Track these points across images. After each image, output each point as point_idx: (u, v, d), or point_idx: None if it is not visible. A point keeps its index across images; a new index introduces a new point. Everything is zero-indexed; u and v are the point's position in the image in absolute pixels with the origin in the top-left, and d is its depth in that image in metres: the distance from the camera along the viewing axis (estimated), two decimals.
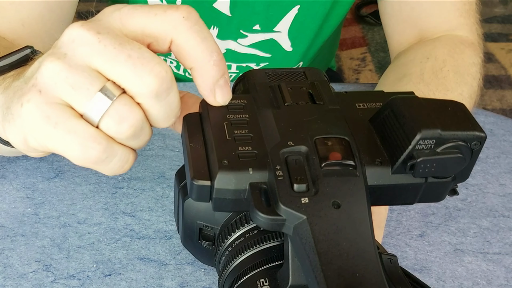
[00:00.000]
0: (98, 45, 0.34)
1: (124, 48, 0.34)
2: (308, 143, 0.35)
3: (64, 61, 0.34)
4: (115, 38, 0.34)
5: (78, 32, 0.35)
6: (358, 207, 0.33)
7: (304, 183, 0.33)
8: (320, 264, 0.31)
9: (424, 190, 0.36)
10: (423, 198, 0.37)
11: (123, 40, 0.34)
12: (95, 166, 0.36)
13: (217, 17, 0.75)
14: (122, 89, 0.35)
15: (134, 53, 0.34)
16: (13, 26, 0.62)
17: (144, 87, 0.34)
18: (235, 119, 0.37)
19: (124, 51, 0.34)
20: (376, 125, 0.37)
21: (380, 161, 0.35)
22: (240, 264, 0.40)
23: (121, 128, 0.35)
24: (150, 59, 0.34)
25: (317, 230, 0.32)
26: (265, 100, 0.39)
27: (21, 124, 0.36)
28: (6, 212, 0.58)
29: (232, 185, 0.34)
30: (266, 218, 0.33)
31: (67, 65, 0.34)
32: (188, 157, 0.36)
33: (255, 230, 0.41)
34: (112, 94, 0.34)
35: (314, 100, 0.38)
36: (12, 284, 0.52)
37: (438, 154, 0.34)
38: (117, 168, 0.37)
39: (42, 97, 0.34)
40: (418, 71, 0.67)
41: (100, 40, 0.34)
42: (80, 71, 0.34)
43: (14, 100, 0.37)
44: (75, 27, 0.35)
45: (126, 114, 0.35)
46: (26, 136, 0.37)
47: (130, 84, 0.34)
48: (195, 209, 0.43)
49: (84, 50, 0.34)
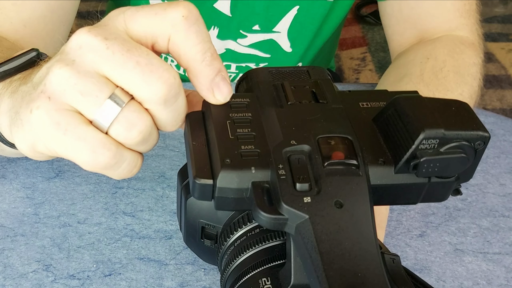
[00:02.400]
0: (106, 52, 0.34)
1: (132, 54, 0.34)
2: (311, 142, 0.35)
3: (72, 68, 0.34)
4: (123, 44, 0.34)
5: (86, 38, 0.35)
6: (360, 206, 0.33)
7: (307, 182, 0.33)
8: (322, 264, 0.30)
9: (427, 190, 0.36)
10: (426, 198, 0.37)
11: (131, 46, 0.34)
12: (105, 171, 0.36)
13: (218, 17, 0.75)
14: (130, 96, 0.35)
15: (142, 59, 0.34)
16: (15, 27, 0.62)
17: (153, 94, 0.34)
18: (238, 118, 0.37)
19: (132, 57, 0.34)
20: (380, 124, 0.37)
21: (383, 161, 0.35)
22: (242, 263, 0.40)
23: (131, 135, 0.35)
24: (159, 65, 0.34)
25: (319, 229, 0.32)
26: (268, 99, 0.38)
27: (30, 130, 0.36)
28: (6, 212, 0.58)
29: (234, 184, 0.34)
30: (268, 217, 0.33)
31: (75, 71, 0.34)
32: (191, 155, 0.36)
33: (258, 229, 0.41)
34: (121, 101, 0.35)
35: (317, 99, 0.38)
36: (12, 284, 0.52)
37: (441, 154, 0.34)
38: (126, 173, 0.37)
39: (52, 103, 0.35)
40: (418, 71, 0.67)
41: (108, 46, 0.34)
42: (89, 78, 0.34)
43: (22, 105, 0.37)
44: (82, 33, 0.35)
45: (135, 121, 0.35)
46: (35, 141, 0.37)
47: (139, 90, 0.34)
48: (198, 208, 0.43)
49: (92, 57, 0.34)
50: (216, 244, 0.44)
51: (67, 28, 0.69)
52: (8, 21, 0.62)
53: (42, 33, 0.64)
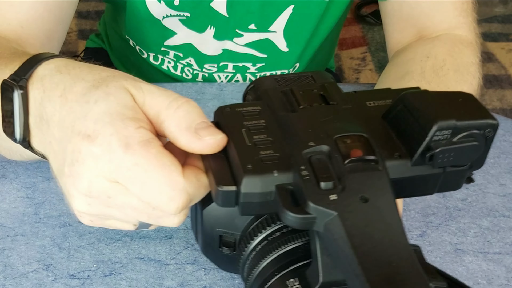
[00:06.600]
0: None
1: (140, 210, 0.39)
2: (329, 142, 0.36)
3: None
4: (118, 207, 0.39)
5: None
6: (385, 200, 0.34)
7: (331, 180, 0.34)
8: (356, 258, 0.31)
9: (442, 180, 0.38)
10: (442, 187, 0.38)
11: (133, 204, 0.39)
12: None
13: (214, 16, 0.76)
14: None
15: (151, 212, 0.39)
16: (13, 28, 0.62)
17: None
18: (253, 125, 0.38)
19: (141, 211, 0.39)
20: (390, 120, 0.38)
21: (399, 155, 0.36)
22: (266, 266, 0.41)
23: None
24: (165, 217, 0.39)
25: (349, 225, 0.33)
26: (279, 105, 0.39)
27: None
28: (6, 211, 0.58)
29: (258, 188, 0.35)
30: (296, 217, 0.33)
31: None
32: (209, 165, 0.37)
33: (278, 233, 0.42)
34: (147, 225, 0.41)
35: (327, 101, 0.39)
36: (12, 283, 0.52)
37: (455, 143, 0.35)
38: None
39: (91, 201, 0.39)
40: (419, 70, 0.67)
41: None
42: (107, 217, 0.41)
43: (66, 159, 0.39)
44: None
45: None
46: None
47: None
48: (214, 217, 0.43)
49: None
50: (235, 251, 0.45)
51: (64, 28, 0.69)
52: (6, 22, 0.62)
53: (40, 33, 0.64)
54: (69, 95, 0.40)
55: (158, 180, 0.36)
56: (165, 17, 0.76)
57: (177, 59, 0.83)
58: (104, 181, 0.37)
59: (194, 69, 0.84)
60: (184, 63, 0.83)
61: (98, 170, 0.37)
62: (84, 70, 0.41)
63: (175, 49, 0.82)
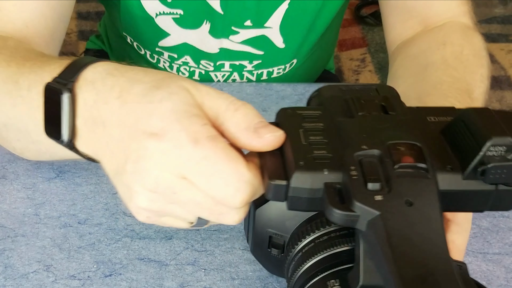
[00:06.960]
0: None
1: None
2: (382, 147, 0.37)
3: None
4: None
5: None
6: (430, 206, 0.35)
7: (378, 182, 0.35)
8: (392, 256, 0.32)
9: (494, 198, 0.38)
10: (494, 206, 0.38)
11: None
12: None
13: (209, 11, 0.75)
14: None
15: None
16: (17, 27, 0.62)
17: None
18: (310, 127, 0.39)
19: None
20: (447, 135, 0.39)
21: (451, 167, 0.37)
22: (310, 267, 0.42)
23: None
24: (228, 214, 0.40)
25: (390, 225, 0.33)
26: (339, 111, 0.41)
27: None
28: (6, 212, 0.58)
29: (307, 184, 0.36)
30: (341, 214, 0.34)
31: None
32: (265, 161, 0.39)
33: (326, 237, 0.43)
34: (204, 221, 0.42)
35: (387, 111, 0.40)
36: (12, 284, 0.52)
37: (509, 160, 0.35)
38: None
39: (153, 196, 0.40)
40: (440, 58, 0.67)
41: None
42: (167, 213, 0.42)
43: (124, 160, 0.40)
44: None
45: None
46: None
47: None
48: (266, 218, 0.45)
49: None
50: (282, 253, 0.46)
51: (65, 26, 0.69)
52: (10, 22, 0.62)
53: (44, 31, 0.64)
54: (127, 96, 0.41)
55: (226, 172, 0.38)
56: (158, 14, 0.76)
57: (171, 60, 0.83)
58: (171, 176, 0.38)
59: (190, 67, 0.84)
60: (179, 63, 0.83)
61: (166, 165, 0.38)
62: (138, 73, 0.42)
63: (169, 50, 0.82)
